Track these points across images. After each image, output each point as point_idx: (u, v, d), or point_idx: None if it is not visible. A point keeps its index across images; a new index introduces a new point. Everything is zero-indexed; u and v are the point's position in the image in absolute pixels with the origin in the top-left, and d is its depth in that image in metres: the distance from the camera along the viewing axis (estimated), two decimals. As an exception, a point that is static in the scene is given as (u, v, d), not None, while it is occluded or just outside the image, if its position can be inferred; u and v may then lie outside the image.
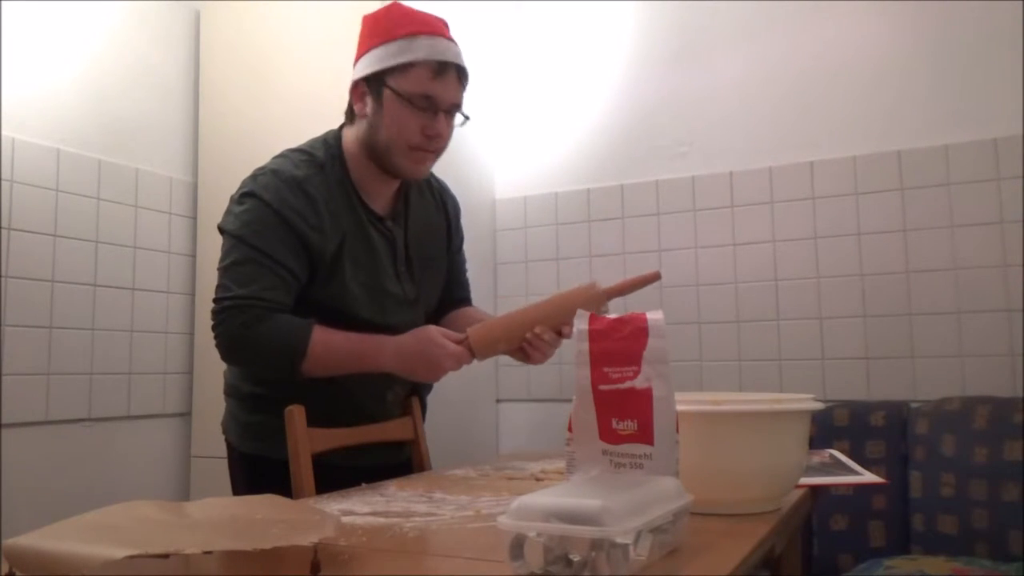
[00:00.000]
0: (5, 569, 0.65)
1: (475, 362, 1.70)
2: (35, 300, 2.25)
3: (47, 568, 0.63)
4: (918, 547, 2.06)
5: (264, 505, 0.87)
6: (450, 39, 1.44)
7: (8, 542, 0.66)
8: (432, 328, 1.41)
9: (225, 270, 1.39)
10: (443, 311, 1.69)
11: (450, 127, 1.46)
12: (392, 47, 1.38)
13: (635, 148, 2.81)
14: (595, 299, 1.37)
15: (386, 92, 1.39)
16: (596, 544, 0.68)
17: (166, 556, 0.69)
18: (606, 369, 0.95)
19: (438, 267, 1.63)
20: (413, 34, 1.38)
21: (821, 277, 2.50)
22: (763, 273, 2.57)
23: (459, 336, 1.39)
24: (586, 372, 0.96)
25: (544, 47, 2.99)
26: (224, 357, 1.44)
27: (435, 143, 1.44)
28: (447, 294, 1.69)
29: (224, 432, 1.60)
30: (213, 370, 2.67)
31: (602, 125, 2.88)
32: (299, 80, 2.58)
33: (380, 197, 1.51)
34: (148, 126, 2.64)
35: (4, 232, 2.18)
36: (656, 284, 2.68)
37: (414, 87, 1.38)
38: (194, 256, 2.74)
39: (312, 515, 0.84)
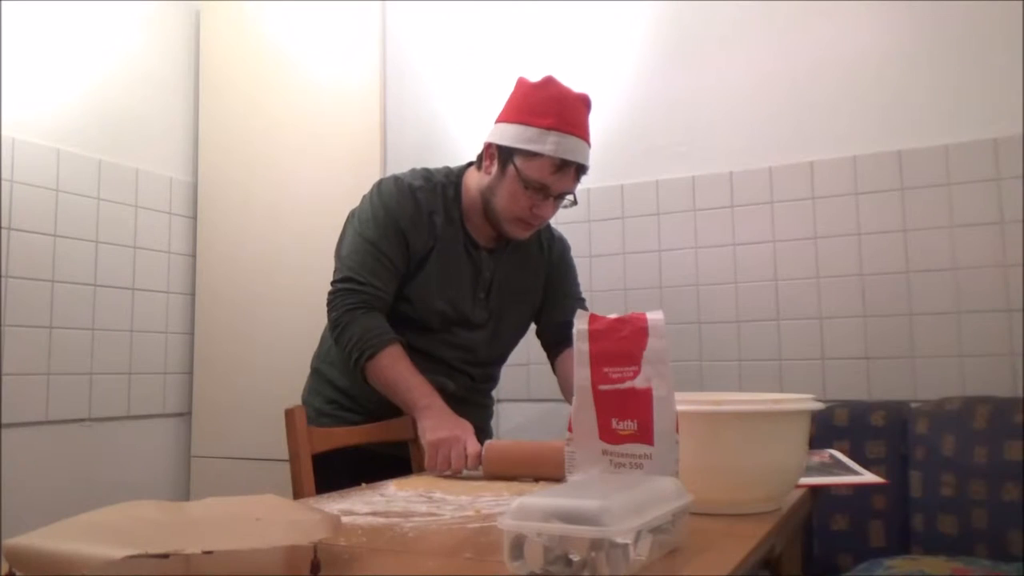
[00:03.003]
0: (5, 569, 0.65)
1: None
2: (35, 300, 2.25)
3: (47, 568, 0.63)
4: (918, 547, 2.06)
5: (264, 505, 0.87)
6: (581, 134, 1.58)
7: (8, 542, 0.66)
8: (470, 426, 1.51)
9: (345, 257, 1.62)
10: (555, 343, 1.80)
11: (556, 207, 1.65)
12: (529, 132, 1.55)
13: (635, 148, 2.81)
14: None
15: (510, 168, 1.58)
16: (596, 544, 0.68)
17: (166, 556, 0.69)
18: (606, 369, 0.95)
19: (526, 302, 1.77)
20: (549, 128, 1.54)
21: (821, 277, 2.50)
22: (763, 273, 2.57)
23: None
24: (586, 372, 0.96)
25: (543, 47, 2.99)
26: (329, 331, 1.64)
27: (539, 219, 1.63)
28: (555, 323, 1.80)
29: None
30: (213, 370, 2.67)
31: (602, 125, 2.86)
32: (299, 80, 2.58)
33: (484, 231, 1.69)
34: (148, 126, 2.64)
35: (4, 232, 2.18)
36: (656, 284, 2.71)
37: (535, 174, 1.56)
38: (194, 256, 2.74)
39: (312, 515, 0.84)
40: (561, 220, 2.99)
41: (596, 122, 2.91)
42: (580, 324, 0.98)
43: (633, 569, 0.71)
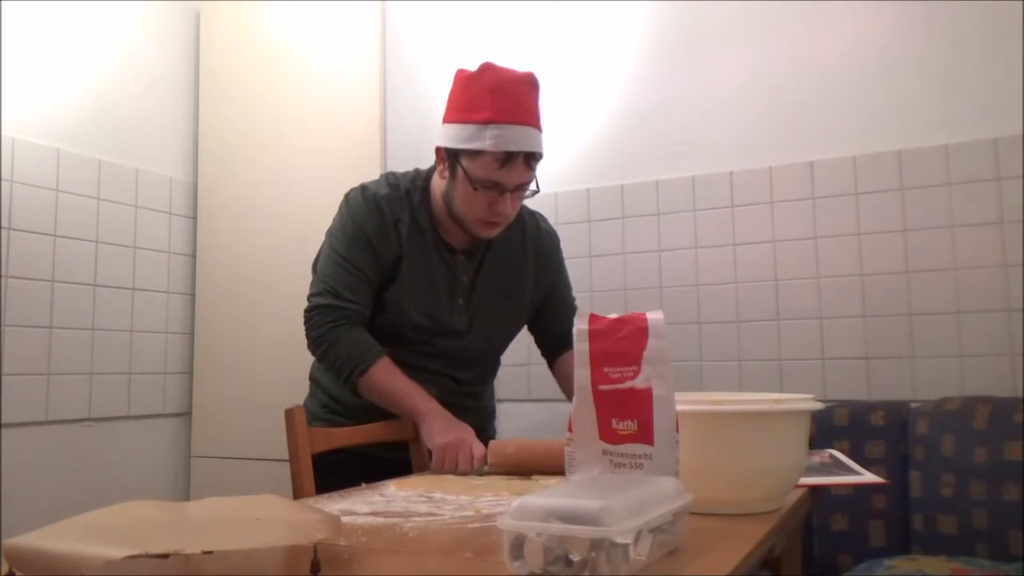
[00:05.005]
0: (5, 569, 0.65)
1: None
2: (35, 300, 2.25)
3: (47, 568, 0.63)
4: (918, 547, 2.06)
5: (264, 505, 0.87)
6: (525, 119, 1.48)
7: (8, 542, 0.66)
8: (471, 428, 1.53)
9: (320, 271, 1.61)
10: (553, 350, 1.79)
11: (517, 200, 1.58)
12: (468, 129, 1.49)
13: (635, 148, 2.81)
14: None
15: (459, 169, 1.52)
16: (596, 544, 0.68)
17: (166, 556, 0.69)
18: (606, 369, 0.95)
19: (513, 303, 1.71)
20: (486, 122, 1.46)
21: (821, 277, 2.50)
22: (763, 273, 2.57)
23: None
24: (586, 372, 0.96)
25: (543, 48, 2.99)
26: (309, 349, 1.62)
27: (501, 216, 1.56)
28: (551, 331, 1.78)
29: None
30: (213, 370, 2.67)
31: (602, 125, 2.88)
32: (299, 80, 2.58)
33: (457, 234, 1.62)
34: (148, 126, 2.64)
35: (4, 232, 2.18)
36: (656, 284, 2.71)
37: (482, 173, 1.50)
38: (194, 256, 2.74)
39: (312, 515, 0.84)
40: (561, 220, 3.00)
41: (597, 122, 2.94)
42: (580, 324, 0.98)
43: (633, 569, 0.71)
